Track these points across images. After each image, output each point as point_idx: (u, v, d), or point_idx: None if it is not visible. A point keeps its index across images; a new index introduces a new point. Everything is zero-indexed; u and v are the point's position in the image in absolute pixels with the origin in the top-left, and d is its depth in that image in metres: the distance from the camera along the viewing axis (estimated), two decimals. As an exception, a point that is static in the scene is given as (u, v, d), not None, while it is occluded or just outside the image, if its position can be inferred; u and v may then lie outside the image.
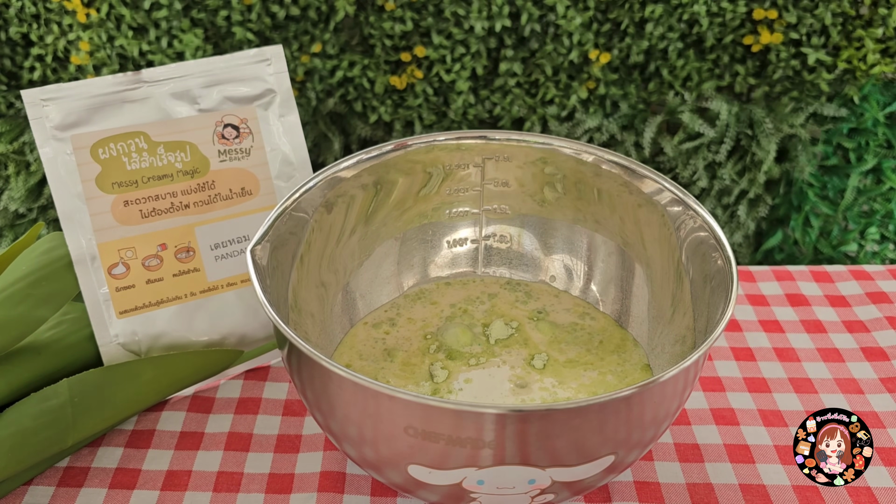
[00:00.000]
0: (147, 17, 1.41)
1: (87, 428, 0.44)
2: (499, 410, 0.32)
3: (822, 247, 1.43)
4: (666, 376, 0.33)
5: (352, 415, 0.36)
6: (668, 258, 0.46)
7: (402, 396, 0.33)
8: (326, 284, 0.48)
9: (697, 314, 0.42)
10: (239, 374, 0.51)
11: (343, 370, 0.33)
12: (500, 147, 0.49)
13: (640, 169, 0.46)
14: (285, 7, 1.42)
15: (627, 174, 0.46)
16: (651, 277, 0.47)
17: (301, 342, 0.35)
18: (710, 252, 0.41)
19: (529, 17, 1.43)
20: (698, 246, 0.42)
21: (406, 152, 0.48)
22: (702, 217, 0.42)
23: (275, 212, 0.42)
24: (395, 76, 1.49)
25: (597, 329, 0.48)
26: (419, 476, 0.36)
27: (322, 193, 0.45)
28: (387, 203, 0.49)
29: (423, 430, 0.33)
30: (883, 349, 0.54)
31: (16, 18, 1.45)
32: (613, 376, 0.45)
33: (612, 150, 0.51)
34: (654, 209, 0.45)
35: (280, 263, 0.42)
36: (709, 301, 0.41)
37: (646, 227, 0.47)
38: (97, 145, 0.47)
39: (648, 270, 0.47)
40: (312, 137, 1.52)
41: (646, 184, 0.45)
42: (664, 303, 0.46)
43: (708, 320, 0.40)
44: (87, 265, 0.47)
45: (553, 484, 0.36)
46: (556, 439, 0.34)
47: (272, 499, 0.43)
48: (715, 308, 0.39)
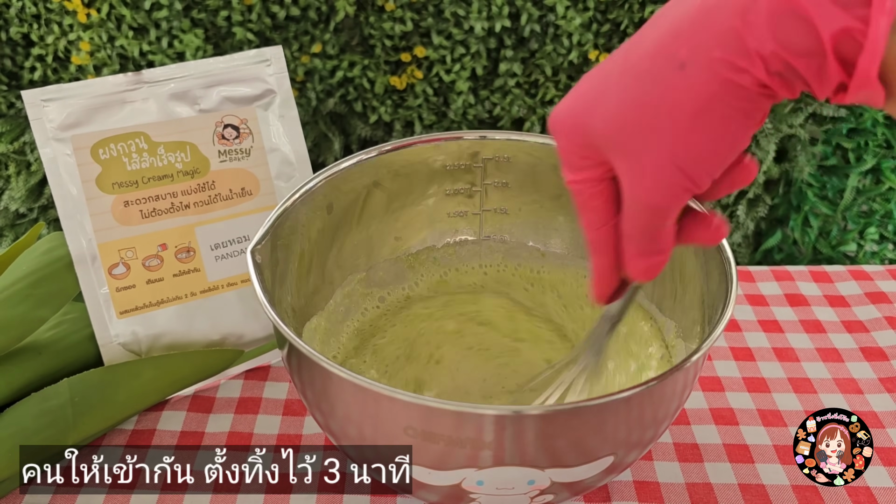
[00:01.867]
0: (147, 17, 1.42)
1: (87, 428, 0.44)
2: (498, 412, 0.32)
3: (821, 247, 1.43)
4: (665, 377, 0.33)
5: (352, 415, 0.36)
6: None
7: (402, 398, 0.33)
8: (329, 283, 0.48)
9: (696, 314, 0.42)
10: (239, 374, 0.51)
11: (343, 371, 0.33)
12: (500, 146, 0.49)
13: None
14: (285, 7, 1.42)
15: None
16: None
17: (301, 343, 0.35)
18: (710, 253, 0.41)
19: (529, 17, 1.43)
20: (698, 247, 0.42)
21: (405, 152, 0.48)
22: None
23: (275, 212, 0.42)
24: (395, 76, 1.50)
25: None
26: (419, 476, 0.36)
27: (322, 194, 0.45)
28: (386, 203, 0.49)
29: (422, 431, 0.33)
30: (882, 349, 0.54)
31: (16, 18, 1.45)
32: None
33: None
34: None
35: (280, 263, 0.42)
36: (710, 301, 0.41)
37: None
38: (97, 146, 0.47)
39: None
40: (312, 137, 1.52)
41: None
42: (665, 303, 0.46)
43: (708, 320, 0.40)
44: (88, 265, 0.47)
45: (552, 484, 0.36)
46: (555, 440, 0.34)
47: (273, 499, 0.43)
48: (714, 308, 0.39)
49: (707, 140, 0.25)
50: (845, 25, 0.22)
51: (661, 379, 0.33)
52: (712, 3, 0.24)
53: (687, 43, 0.24)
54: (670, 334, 0.45)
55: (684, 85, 0.24)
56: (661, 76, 0.25)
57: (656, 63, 0.25)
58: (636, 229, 0.29)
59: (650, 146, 0.26)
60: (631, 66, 0.26)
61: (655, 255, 0.30)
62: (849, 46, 0.23)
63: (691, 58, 0.24)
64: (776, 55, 0.23)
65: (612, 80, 0.27)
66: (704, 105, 0.24)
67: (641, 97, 0.25)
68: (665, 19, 0.25)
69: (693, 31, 0.24)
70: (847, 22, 0.22)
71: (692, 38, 0.24)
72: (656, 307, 0.47)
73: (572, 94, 0.28)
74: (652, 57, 0.25)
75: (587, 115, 0.27)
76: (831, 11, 0.22)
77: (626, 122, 0.26)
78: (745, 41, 0.23)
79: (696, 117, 0.25)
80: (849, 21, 0.22)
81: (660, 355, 0.45)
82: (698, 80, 0.24)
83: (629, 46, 0.26)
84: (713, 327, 0.36)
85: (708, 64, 0.24)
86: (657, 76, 0.25)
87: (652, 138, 0.25)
